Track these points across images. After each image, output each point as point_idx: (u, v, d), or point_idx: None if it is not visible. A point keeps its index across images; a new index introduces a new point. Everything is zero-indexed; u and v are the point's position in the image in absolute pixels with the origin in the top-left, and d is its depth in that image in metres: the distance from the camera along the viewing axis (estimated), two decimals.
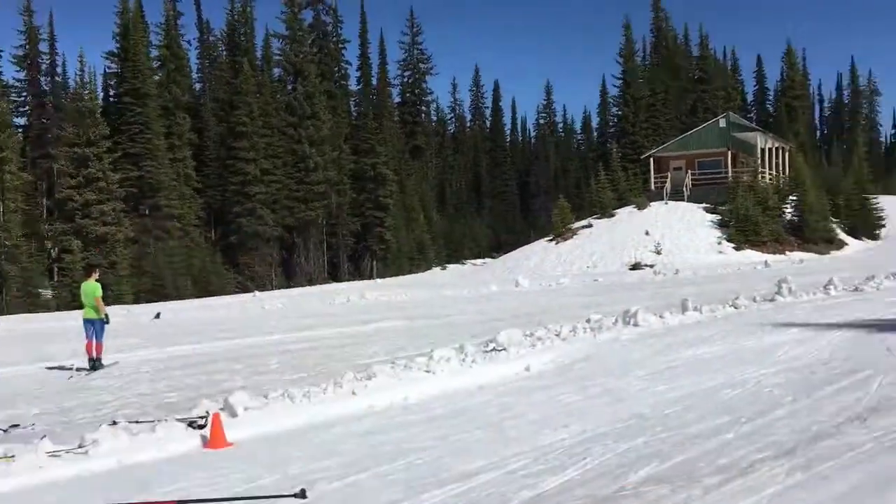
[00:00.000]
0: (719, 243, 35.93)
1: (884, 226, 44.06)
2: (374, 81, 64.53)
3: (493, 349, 8.16)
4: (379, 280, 40.86)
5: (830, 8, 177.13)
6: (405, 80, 70.38)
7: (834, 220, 41.69)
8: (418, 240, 53.46)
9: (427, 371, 7.06)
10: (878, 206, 44.53)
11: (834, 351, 7.21)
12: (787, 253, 35.18)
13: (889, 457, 3.92)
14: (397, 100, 69.24)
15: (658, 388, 6.28)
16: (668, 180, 42.82)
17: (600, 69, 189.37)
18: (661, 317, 10.31)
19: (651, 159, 45.32)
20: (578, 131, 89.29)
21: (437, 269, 48.79)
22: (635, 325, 9.76)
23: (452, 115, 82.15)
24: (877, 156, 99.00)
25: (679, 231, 36.87)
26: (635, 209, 40.79)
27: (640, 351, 8.23)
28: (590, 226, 40.78)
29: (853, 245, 39.84)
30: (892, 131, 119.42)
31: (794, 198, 39.43)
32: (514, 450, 4.60)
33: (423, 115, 72.13)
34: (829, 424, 4.65)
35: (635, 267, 32.53)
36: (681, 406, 5.52)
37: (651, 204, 40.86)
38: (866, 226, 42.90)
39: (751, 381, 6.20)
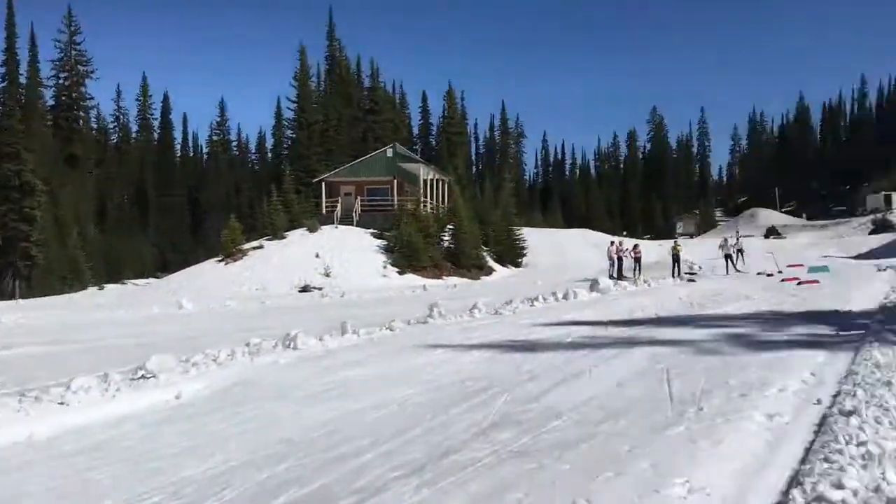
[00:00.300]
0: (384, 268, 37.64)
1: (525, 254, 49.36)
2: (24, 80, 58.18)
3: (143, 376, 7.69)
4: (22, 301, 36.67)
5: (488, 54, 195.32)
6: (61, 81, 64.45)
7: (485, 248, 45.83)
8: (72, 257, 48.92)
9: (62, 403, 6.44)
10: (522, 236, 49.82)
11: (472, 370, 7.87)
12: (444, 278, 37.88)
13: (503, 468, 4.36)
14: (51, 103, 63.12)
15: (310, 411, 6.36)
16: (339, 205, 44.04)
17: (275, 91, 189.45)
18: (321, 340, 10.48)
19: (323, 183, 46.26)
20: (253, 151, 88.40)
21: (93, 290, 44.96)
22: (295, 348, 9.81)
23: (116, 124, 76.80)
24: (522, 192, 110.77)
25: (348, 255, 37.98)
26: (307, 232, 41.30)
27: (298, 374, 8.29)
28: (261, 247, 40.46)
29: (500, 271, 44.08)
30: (535, 171, 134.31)
31: (452, 227, 42.66)
32: (151, 484, 4.35)
33: (81, 121, 66.50)
34: (458, 440, 5.05)
35: (304, 289, 32.89)
36: (329, 429, 5.64)
37: (322, 227, 41.67)
38: (511, 254, 47.74)
39: (396, 401, 6.52)
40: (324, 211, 44.68)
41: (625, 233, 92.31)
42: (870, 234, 63.02)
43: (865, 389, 5.54)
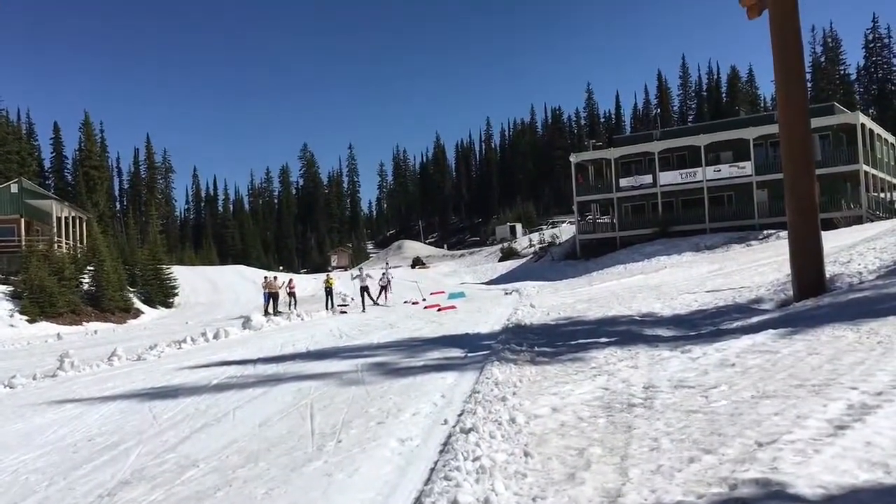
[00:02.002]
0: (11, 316, 33.44)
1: (177, 294, 47.09)
2: None
3: None
4: None
5: (127, 81, 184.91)
6: None
7: (131, 289, 42.89)
8: None
9: None
10: (172, 275, 47.45)
11: (103, 425, 7.23)
12: (85, 324, 34.73)
13: None
14: None
15: None
16: None
17: None
18: None
19: None
20: None
21: None
22: None
23: None
24: (173, 228, 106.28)
25: None
26: None
27: None
28: None
29: (149, 313, 41.52)
30: (186, 206, 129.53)
31: (92, 268, 39.34)
32: None
33: None
34: None
35: None
36: None
37: None
38: (161, 294, 45.22)
39: (9, 469, 5.75)
40: None
41: (281, 267, 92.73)
42: (499, 261, 70.02)
43: (484, 406, 6.06)
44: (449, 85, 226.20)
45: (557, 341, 10.50)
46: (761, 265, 22.26)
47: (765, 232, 42.76)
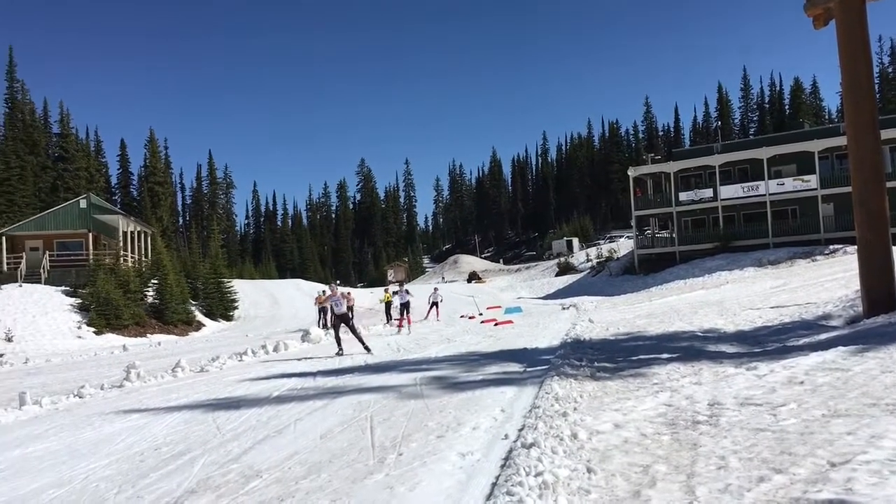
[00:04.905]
0: (79, 328, 34.48)
1: (237, 307, 47.96)
2: None
3: None
4: None
5: (191, 98, 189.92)
6: None
7: (193, 302, 43.83)
8: None
9: None
10: (233, 289, 48.37)
11: (168, 434, 7.38)
12: (149, 336, 35.60)
13: None
14: None
15: None
16: (24, 261, 39.83)
17: None
18: None
19: (3, 238, 41.62)
20: None
21: None
22: None
23: None
24: (233, 243, 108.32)
25: (33, 316, 34.25)
26: None
27: None
28: None
29: (210, 326, 42.36)
30: (246, 221, 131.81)
31: (156, 281, 40.33)
32: None
33: None
34: None
35: None
36: None
37: (3, 287, 37.30)
38: (222, 307, 46.10)
39: (79, 477, 5.91)
40: (4, 268, 40.09)
41: (338, 281, 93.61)
42: (556, 276, 69.54)
43: (545, 421, 6.00)
44: (505, 99, 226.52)
45: (618, 357, 10.36)
46: (828, 281, 21.65)
47: (831, 247, 41.64)
